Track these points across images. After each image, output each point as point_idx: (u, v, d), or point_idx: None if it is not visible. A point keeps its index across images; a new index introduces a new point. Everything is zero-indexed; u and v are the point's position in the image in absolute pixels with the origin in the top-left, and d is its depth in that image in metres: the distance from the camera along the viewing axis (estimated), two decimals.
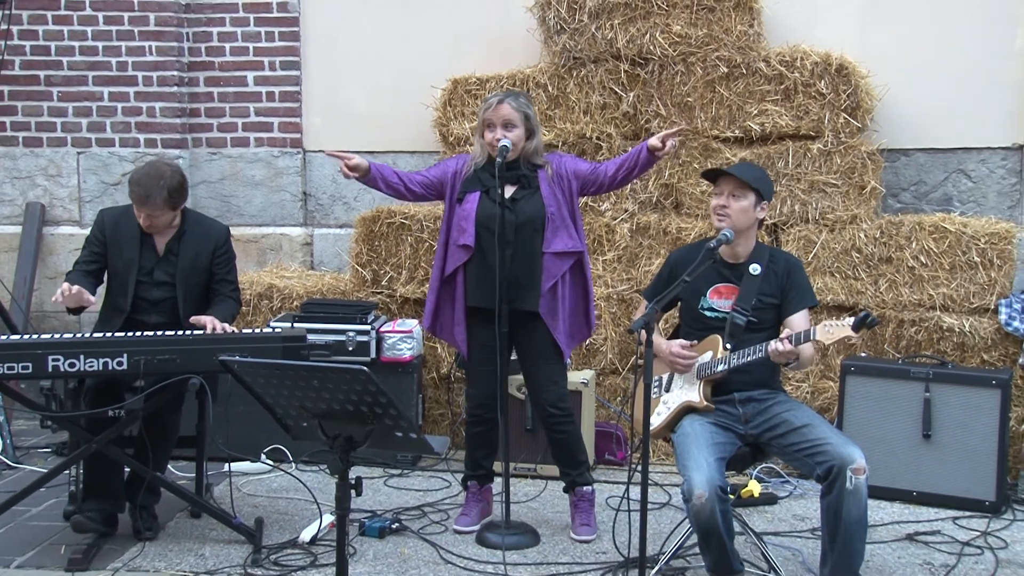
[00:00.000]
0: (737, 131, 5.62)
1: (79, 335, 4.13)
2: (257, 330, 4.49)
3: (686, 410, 3.95)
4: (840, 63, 5.47)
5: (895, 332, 5.37)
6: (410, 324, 5.58)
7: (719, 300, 4.02)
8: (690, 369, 3.98)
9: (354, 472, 3.08)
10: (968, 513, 4.75)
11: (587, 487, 4.53)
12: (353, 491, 3.05)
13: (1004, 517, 4.74)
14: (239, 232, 6.51)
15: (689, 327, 4.10)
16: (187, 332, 4.21)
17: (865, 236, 5.44)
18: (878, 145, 5.61)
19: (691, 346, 4.00)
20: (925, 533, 4.54)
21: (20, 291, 6.37)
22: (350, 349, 5.38)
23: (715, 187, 4.03)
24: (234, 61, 6.58)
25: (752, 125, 5.57)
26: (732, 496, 4.13)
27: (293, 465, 5.36)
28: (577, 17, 5.71)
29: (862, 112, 5.49)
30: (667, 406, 4.02)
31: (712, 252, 3.81)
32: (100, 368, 4.02)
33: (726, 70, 5.60)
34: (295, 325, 5.25)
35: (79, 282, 4.33)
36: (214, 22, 6.57)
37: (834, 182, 5.50)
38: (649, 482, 3.59)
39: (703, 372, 3.94)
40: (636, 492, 3.62)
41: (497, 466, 4.56)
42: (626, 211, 5.73)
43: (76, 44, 6.54)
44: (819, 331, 3.71)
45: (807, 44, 5.60)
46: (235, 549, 4.32)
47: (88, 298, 4.27)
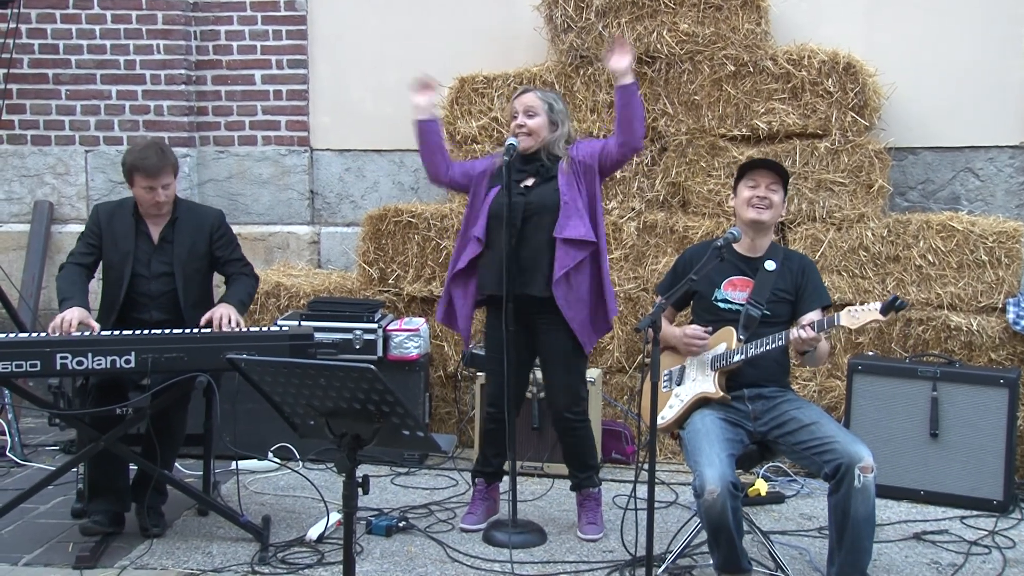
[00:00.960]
0: (744, 129, 5.61)
1: (87, 333, 4.14)
2: (264, 328, 4.49)
3: (700, 403, 3.94)
4: (848, 61, 5.46)
5: (902, 331, 5.36)
6: (417, 322, 5.59)
7: (733, 292, 4.01)
8: (703, 351, 3.97)
9: (361, 470, 3.08)
10: (976, 512, 4.74)
11: (594, 488, 4.54)
12: (360, 489, 3.05)
13: (1012, 516, 4.73)
14: (246, 230, 6.53)
15: (702, 319, 4.08)
16: (194, 330, 4.22)
17: (872, 235, 5.42)
18: (885, 144, 5.60)
19: (705, 331, 3.99)
20: (932, 532, 4.53)
21: (28, 289, 6.39)
22: (357, 347, 5.39)
23: (747, 178, 4.01)
24: (241, 60, 6.59)
25: (759, 123, 5.56)
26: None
27: (300, 463, 5.36)
28: (584, 15, 5.71)
29: (869, 111, 5.48)
30: (680, 399, 4.00)
31: (719, 251, 3.80)
32: (108, 366, 4.02)
33: (733, 68, 5.59)
34: (302, 323, 5.26)
35: (74, 277, 4.39)
36: (222, 21, 6.58)
37: (841, 181, 5.49)
38: (656, 481, 3.59)
39: (718, 363, 3.93)
40: (643, 491, 3.62)
41: (504, 465, 4.56)
42: (633, 209, 5.72)
43: (84, 43, 6.56)
44: (843, 317, 3.69)
45: (814, 43, 5.59)
46: (242, 547, 4.33)
47: (92, 324, 4.22)
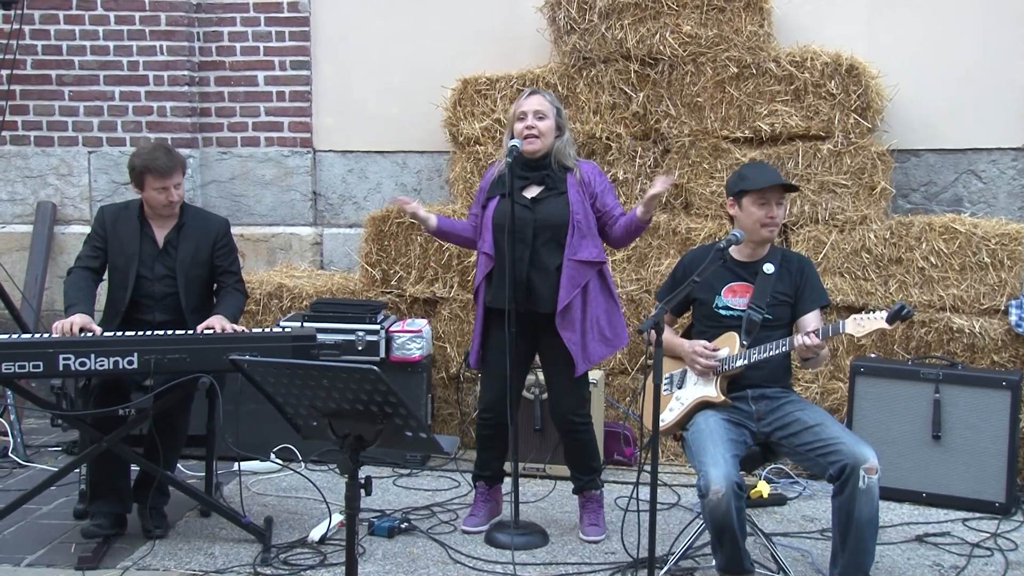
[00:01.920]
0: (747, 131, 5.61)
1: (90, 334, 4.14)
2: (267, 329, 4.49)
3: (701, 406, 3.94)
4: (850, 63, 5.46)
5: (905, 333, 5.35)
6: (419, 324, 5.59)
7: (734, 299, 4.01)
8: (711, 371, 3.95)
9: (363, 471, 3.08)
10: (978, 514, 4.74)
11: (596, 490, 4.54)
12: (362, 490, 3.05)
13: (1014, 519, 4.72)
14: (249, 232, 6.54)
15: (703, 326, 4.08)
16: (197, 331, 4.22)
17: (875, 237, 5.42)
18: (888, 145, 5.60)
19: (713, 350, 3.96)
20: (935, 534, 4.53)
21: (31, 290, 6.40)
22: (360, 349, 5.39)
23: (757, 195, 3.93)
24: (245, 61, 6.59)
25: (762, 125, 5.56)
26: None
27: (303, 464, 5.36)
28: (587, 17, 5.71)
29: (872, 112, 5.48)
30: (680, 402, 4.00)
31: (722, 252, 3.80)
32: (111, 367, 4.03)
33: (736, 70, 5.59)
34: (305, 324, 5.25)
35: (80, 283, 4.39)
36: (225, 22, 6.58)
37: (844, 183, 5.49)
38: (658, 482, 3.59)
39: (721, 368, 3.93)
40: (645, 492, 3.62)
41: (506, 466, 4.56)
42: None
43: (87, 44, 6.56)
44: (849, 324, 3.70)
45: (817, 44, 5.59)
46: (244, 548, 4.33)
47: (94, 329, 4.22)
